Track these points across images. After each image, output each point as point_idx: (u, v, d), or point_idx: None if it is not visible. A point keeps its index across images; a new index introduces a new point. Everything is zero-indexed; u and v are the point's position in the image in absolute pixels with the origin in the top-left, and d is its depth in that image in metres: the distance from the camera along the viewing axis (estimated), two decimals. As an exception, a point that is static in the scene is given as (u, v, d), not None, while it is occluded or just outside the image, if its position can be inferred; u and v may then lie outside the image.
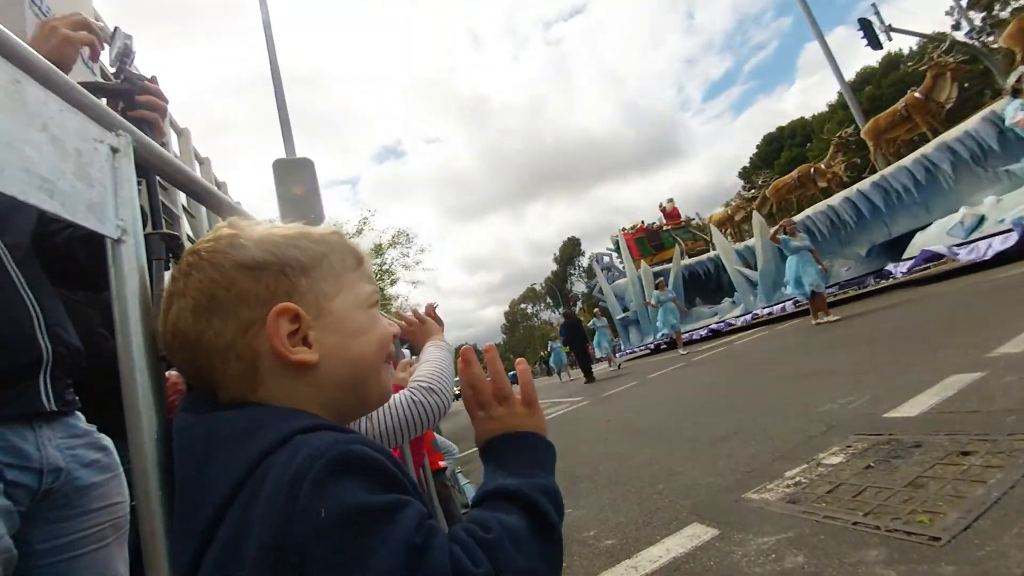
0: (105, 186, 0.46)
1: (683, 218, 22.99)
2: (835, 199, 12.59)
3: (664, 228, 21.74)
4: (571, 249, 72.09)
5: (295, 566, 0.35)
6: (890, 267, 9.90)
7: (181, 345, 0.47)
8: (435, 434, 3.10)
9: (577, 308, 67.51)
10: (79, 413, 0.91)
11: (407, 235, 19.37)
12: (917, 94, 12.80)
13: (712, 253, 17.25)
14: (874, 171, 12.54)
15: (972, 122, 9.33)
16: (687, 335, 13.30)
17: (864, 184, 11.76)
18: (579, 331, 12.60)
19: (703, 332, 14.66)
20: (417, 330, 1.16)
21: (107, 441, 0.94)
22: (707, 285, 17.63)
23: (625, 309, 18.85)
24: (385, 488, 0.39)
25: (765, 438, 2.61)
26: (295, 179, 4.31)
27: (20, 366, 0.78)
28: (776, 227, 9.03)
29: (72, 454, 0.84)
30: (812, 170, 16.59)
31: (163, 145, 0.73)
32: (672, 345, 13.13)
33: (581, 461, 3.56)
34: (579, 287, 70.87)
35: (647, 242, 20.62)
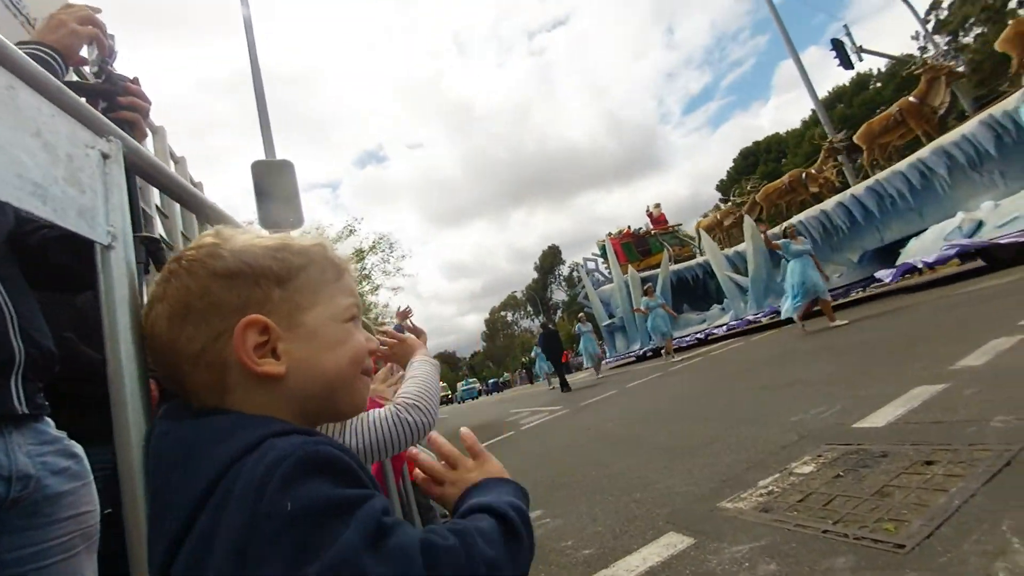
0: (96, 192, 0.46)
1: (669, 224, 22.37)
2: (828, 203, 12.40)
3: (652, 233, 21.09)
4: (552, 258, 72.44)
5: (260, 560, 0.35)
6: (880, 274, 9.58)
7: (157, 349, 0.48)
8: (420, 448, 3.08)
9: (557, 316, 67.84)
10: (48, 419, 0.89)
11: (389, 241, 19.17)
12: (912, 98, 12.59)
13: (701, 259, 16.93)
14: (867, 177, 12.47)
15: (969, 126, 9.19)
16: (675, 342, 12.71)
17: (858, 188, 11.58)
18: (556, 341, 12.85)
19: (690, 339, 14.38)
20: (397, 349, 1.14)
21: (77, 448, 0.92)
22: (695, 291, 17.30)
23: (611, 315, 18.36)
24: (351, 486, 0.40)
25: (740, 447, 2.66)
26: (274, 181, 4.26)
27: None
28: (767, 230, 9.04)
29: (42, 461, 0.81)
30: (804, 175, 16.23)
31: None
32: (658, 353, 13.12)
33: (559, 470, 3.58)
34: (559, 295, 71.25)
35: (634, 247, 20.08)
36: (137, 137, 1.03)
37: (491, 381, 48.48)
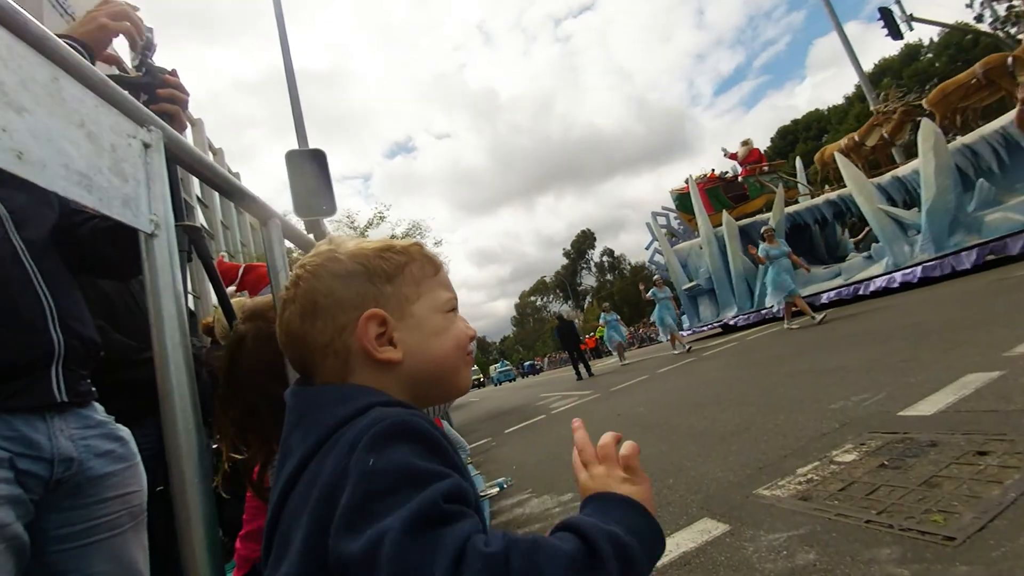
0: (139, 181, 0.47)
1: (766, 162, 16.33)
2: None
3: (755, 171, 15.41)
4: (583, 242, 71.82)
5: (337, 515, 0.40)
6: None
7: (292, 343, 0.55)
8: (447, 426, 3.14)
9: (586, 302, 67.45)
10: (96, 404, 0.93)
11: (420, 227, 19.35)
12: (1012, 57, 9.99)
13: (826, 197, 12.43)
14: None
15: None
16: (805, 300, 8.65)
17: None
18: (572, 332, 12.81)
19: (830, 296, 10.43)
20: None
21: (124, 432, 0.96)
22: (810, 242, 13.33)
23: (690, 279, 14.52)
24: (434, 458, 0.44)
25: (778, 434, 2.60)
26: (307, 170, 4.34)
27: (32, 358, 0.80)
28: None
29: (85, 444, 0.86)
30: (1011, 60, 10.41)
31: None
32: (769, 319, 10.60)
33: (591, 454, 3.57)
34: (589, 280, 70.76)
35: (723, 193, 15.10)
36: (177, 128, 1.06)
37: (526, 364, 48.74)
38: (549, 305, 74.99)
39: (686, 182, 15.73)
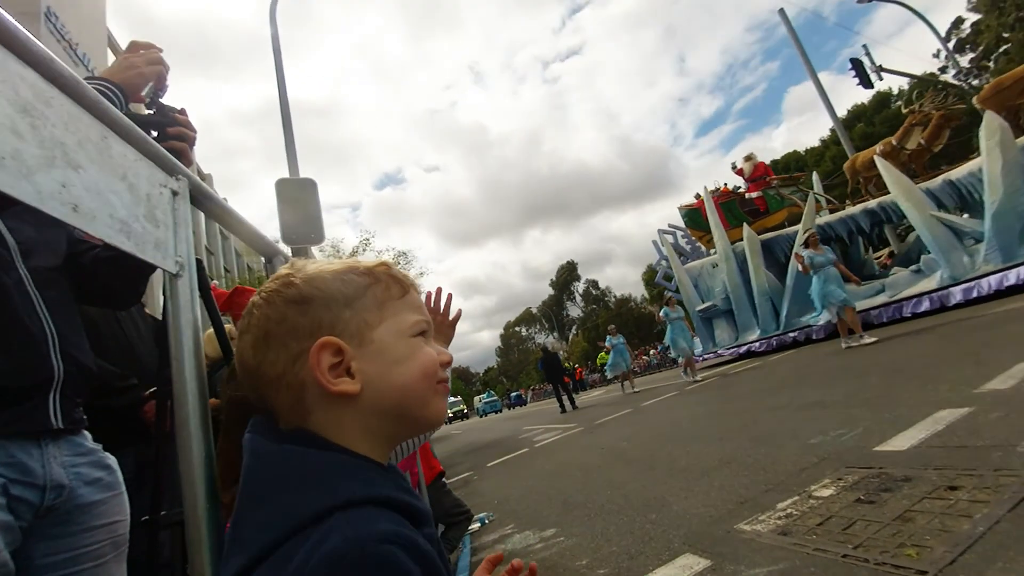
0: (168, 226, 0.51)
1: (773, 175, 14.97)
2: None
3: (770, 184, 14.06)
4: (567, 273, 72.37)
5: None
6: None
7: (246, 375, 0.51)
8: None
9: (572, 333, 67.48)
10: (86, 432, 0.94)
11: (406, 256, 19.41)
12: None
13: (863, 205, 10.90)
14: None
15: None
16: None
17: None
18: (556, 364, 12.70)
19: (887, 314, 9.11)
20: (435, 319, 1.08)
21: (111, 460, 0.97)
22: (846, 254, 12.06)
23: (702, 299, 13.48)
24: None
25: (758, 469, 2.64)
26: (297, 199, 4.39)
27: (32, 384, 0.81)
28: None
29: (76, 472, 0.86)
30: None
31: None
32: (795, 342, 9.77)
33: (574, 488, 3.56)
34: (574, 311, 70.99)
35: (738, 207, 13.62)
36: (184, 164, 1.11)
37: (513, 395, 48.01)
38: (535, 336, 74.89)
39: (697, 197, 14.52)
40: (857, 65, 17.51)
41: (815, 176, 15.25)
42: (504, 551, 2.68)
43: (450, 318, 1.14)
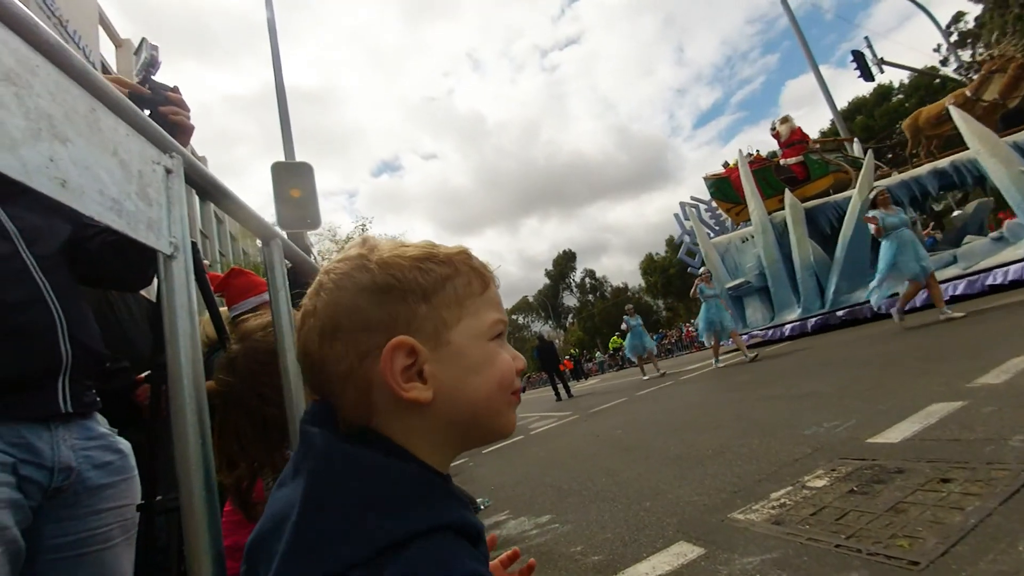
0: (161, 205, 0.50)
1: (816, 139, 13.20)
2: None
3: (815, 147, 12.37)
4: (564, 262, 72.37)
5: None
6: None
7: (310, 365, 0.47)
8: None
9: (568, 322, 67.68)
10: (98, 415, 0.94)
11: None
12: None
13: (932, 165, 9.37)
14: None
15: None
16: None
17: None
18: (552, 352, 12.84)
19: (978, 285, 7.79)
20: None
21: (123, 445, 0.97)
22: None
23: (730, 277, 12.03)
24: None
25: (752, 458, 2.65)
26: (293, 182, 4.34)
27: (40, 370, 0.82)
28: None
29: (85, 455, 0.87)
30: None
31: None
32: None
33: (569, 476, 3.58)
34: (570, 301, 71.13)
35: (774, 175, 12.03)
36: (183, 141, 1.08)
37: None
38: (531, 324, 75.06)
39: (726, 165, 13.11)
40: (859, 57, 17.42)
41: (856, 143, 13.77)
42: (500, 536, 2.70)
43: None
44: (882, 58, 17.65)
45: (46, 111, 0.36)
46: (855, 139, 14.24)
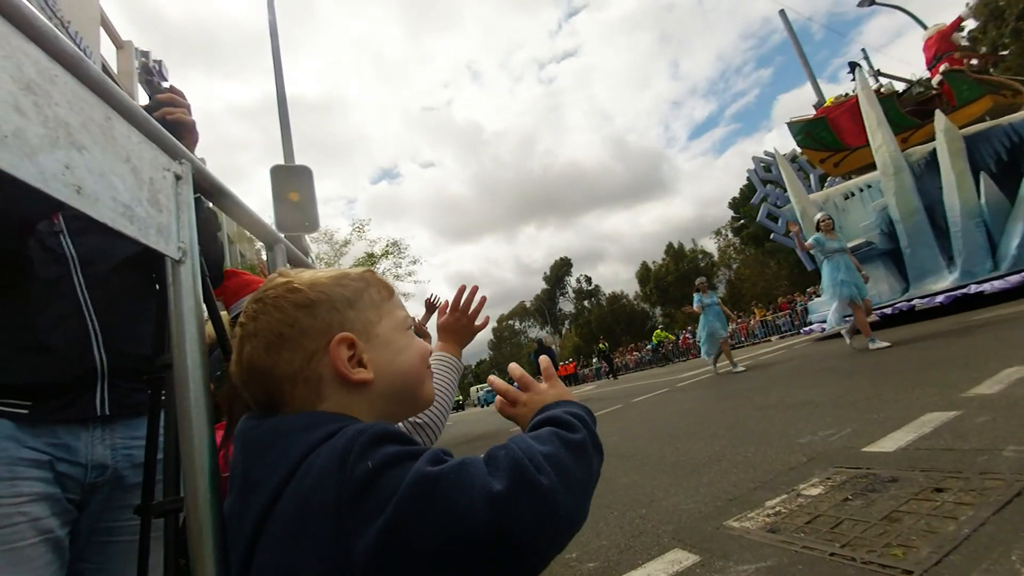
0: (170, 211, 0.50)
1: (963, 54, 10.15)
2: None
3: (966, 66, 9.66)
4: (561, 268, 72.44)
5: (355, 511, 0.41)
6: None
7: (256, 377, 0.54)
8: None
9: (564, 327, 67.67)
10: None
11: (399, 246, 19.25)
12: None
13: None
14: None
15: None
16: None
17: None
18: (551, 356, 12.79)
19: None
20: (453, 321, 1.05)
21: None
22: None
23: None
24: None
25: (747, 467, 2.66)
26: (293, 185, 4.35)
27: (75, 377, 0.87)
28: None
29: (126, 454, 0.92)
30: None
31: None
32: None
33: (565, 482, 3.57)
34: (567, 307, 71.16)
35: (898, 107, 9.91)
36: (187, 141, 1.08)
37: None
38: (528, 330, 74.99)
39: (818, 106, 10.57)
40: (855, 68, 17.53)
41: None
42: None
43: (476, 323, 1.09)
44: (879, 70, 17.78)
45: (64, 119, 0.37)
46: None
